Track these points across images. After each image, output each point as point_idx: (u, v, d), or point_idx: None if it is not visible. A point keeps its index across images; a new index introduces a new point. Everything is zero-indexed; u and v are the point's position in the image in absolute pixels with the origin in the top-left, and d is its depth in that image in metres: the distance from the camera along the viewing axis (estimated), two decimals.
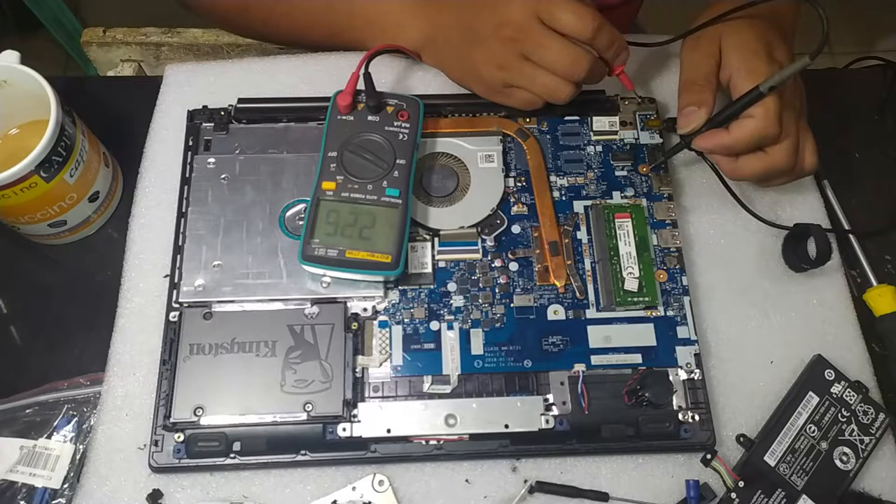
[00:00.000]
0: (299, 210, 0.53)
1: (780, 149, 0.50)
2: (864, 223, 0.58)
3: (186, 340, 0.48)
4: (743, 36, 0.51)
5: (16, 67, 0.52)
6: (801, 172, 0.53)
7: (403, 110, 0.52)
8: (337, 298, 0.50)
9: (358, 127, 0.52)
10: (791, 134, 0.50)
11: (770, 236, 0.55)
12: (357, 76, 0.52)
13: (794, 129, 0.50)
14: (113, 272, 0.53)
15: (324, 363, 0.48)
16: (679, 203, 0.55)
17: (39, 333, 0.53)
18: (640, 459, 0.48)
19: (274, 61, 0.61)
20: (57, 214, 0.53)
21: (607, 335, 0.50)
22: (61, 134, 0.50)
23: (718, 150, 0.50)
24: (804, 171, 0.53)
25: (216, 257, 0.51)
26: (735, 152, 0.50)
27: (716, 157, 0.52)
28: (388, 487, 0.47)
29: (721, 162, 0.51)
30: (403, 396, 0.48)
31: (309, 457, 0.47)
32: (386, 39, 0.57)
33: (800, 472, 0.47)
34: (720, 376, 0.51)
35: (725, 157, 0.51)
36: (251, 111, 0.56)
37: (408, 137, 0.52)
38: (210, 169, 0.54)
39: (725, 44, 0.51)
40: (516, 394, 0.48)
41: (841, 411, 0.49)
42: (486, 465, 0.48)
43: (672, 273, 0.52)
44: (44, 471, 0.48)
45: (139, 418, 0.48)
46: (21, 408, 0.50)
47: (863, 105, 0.63)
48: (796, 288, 0.54)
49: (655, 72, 0.61)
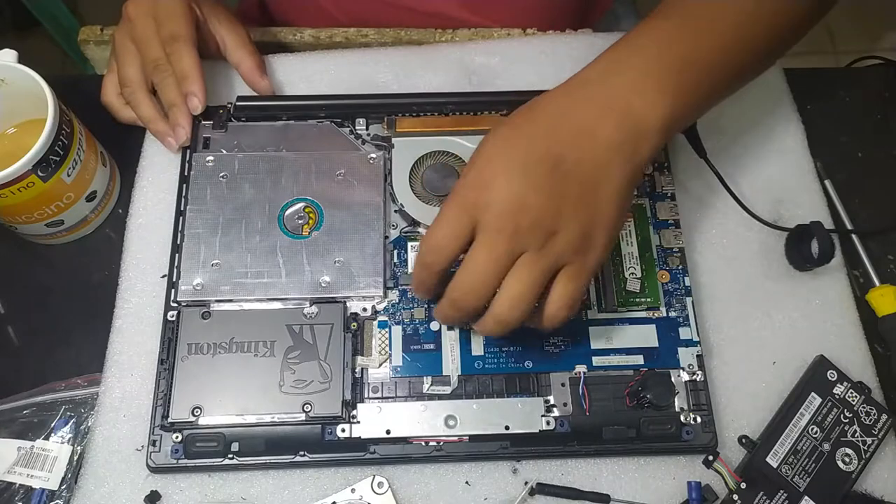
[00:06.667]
0: (298, 209, 0.52)
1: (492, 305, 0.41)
2: (866, 223, 0.57)
3: (184, 340, 0.48)
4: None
5: (13, 66, 0.51)
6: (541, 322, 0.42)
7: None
8: (336, 298, 0.50)
9: None
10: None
11: (772, 236, 0.55)
12: None
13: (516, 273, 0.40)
14: (110, 272, 0.53)
15: (323, 363, 0.48)
16: (681, 203, 0.55)
17: (36, 334, 0.53)
18: (641, 461, 0.48)
19: (273, 59, 0.61)
20: (54, 214, 0.52)
21: (609, 336, 0.50)
22: (59, 133, 0.49)
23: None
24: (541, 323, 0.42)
25: (215, 256, 0.50)
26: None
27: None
28: (388, 489, 0.46)
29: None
30: (403, 397, 0.48)
31: (308, 458, 0.46)
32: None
33: (802, 473, 0.47)
34: (722, 377, 0.50)
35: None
36: (250, 109, 0.56)
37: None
38: (209, 167, 0.53)
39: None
40: (517, 395, 0.48)
41: (843, 412, 0.48)
42: (487, 466, 0.48)
43: (674, 273, 0.52)
44: (41, 472, 0.47)
45: (137, 419, 0.48)
46: (18, 409, 0.49)
47: (866, 104, 0.63)
48: (799, 288, 0.53)
49: None
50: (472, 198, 0.39)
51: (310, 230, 0.52)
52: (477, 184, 0.39)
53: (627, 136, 0.41)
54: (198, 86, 0.53)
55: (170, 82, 0.53)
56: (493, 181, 0.39)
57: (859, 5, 1.27)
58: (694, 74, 0.43)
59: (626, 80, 0.42)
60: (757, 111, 0.59)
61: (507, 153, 0.40)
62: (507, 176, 0.39)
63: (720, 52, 0.44)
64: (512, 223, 0.39)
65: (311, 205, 0.52)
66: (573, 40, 0.62)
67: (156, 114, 0.54)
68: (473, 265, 0.40)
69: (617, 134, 0.41)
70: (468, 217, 0.39)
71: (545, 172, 0.39)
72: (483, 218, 0.39)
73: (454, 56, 0.61)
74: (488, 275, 0.39)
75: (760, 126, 0.58)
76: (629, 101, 0.41)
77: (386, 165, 0.54)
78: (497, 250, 0.39)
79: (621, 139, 0.41)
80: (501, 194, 0.39)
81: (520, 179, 0.39)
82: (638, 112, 0.41)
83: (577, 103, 0.42)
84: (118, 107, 0.56)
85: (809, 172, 0.58)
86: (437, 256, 0.41)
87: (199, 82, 0.53)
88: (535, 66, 0.61)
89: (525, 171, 0.39)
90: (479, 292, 0.40)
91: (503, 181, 0.39)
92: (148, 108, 0.54)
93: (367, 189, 0.53)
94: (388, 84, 0.60)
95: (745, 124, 0.58)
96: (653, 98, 0.42)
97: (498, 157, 0.40)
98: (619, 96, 0.41)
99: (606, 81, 0.42)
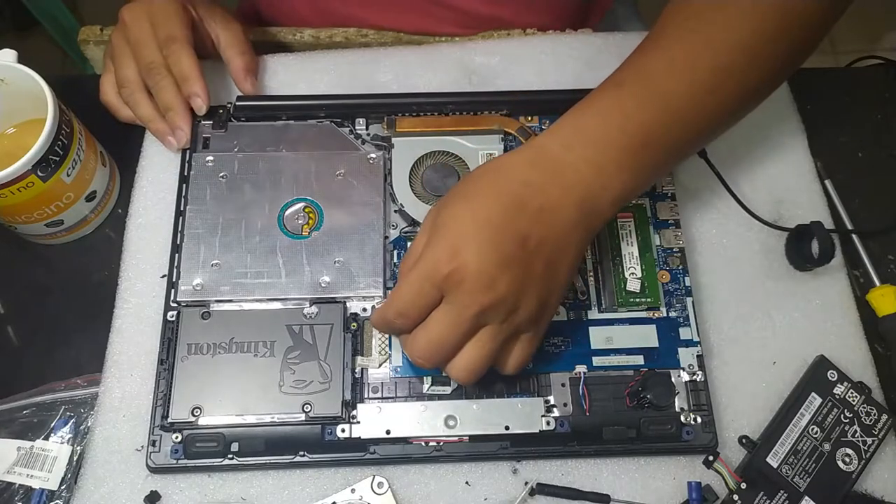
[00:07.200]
0: (298, 209, 0.52)
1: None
2: (866, 223, 0.57)
3: (184, 340, 0.48)
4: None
5: (13, 66, 0.51)
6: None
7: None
8: (336, 298, 0.50)
9: None
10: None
11: (773, 236, 0.55)
12: None
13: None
14: (110, 272, 0.53)
15: (323, 363, 0.48)
16: (682, 203, 0.55)
17: (36, 334, 0.53)
18: (641, 461, 0.48)
19: (272, 59, 0.61)
20: (54, 214, 0.52)
21: (609, 336, 0.50)
22: (58, 133, 0.49)
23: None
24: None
25: (214, 256, 0.50)
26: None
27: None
28: (388, 489, 0.46)
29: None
30: (403, 397, 0.48)
31: (307, 458, 0.46)
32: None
33: (802, 473, 0.47)
34: (722, 377, 0.50)
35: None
36: (250, 109, 0.56)
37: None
38: (209, 167, 0.53)
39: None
40: (517, 395, 0.48)
41: (843, 412, 0.48)
42: (487, 466, 0.48)
43: (675, 274, 0.52)
44: (41, 472, 0.47)
45: (137, 419, 0.48)
46: (18, 409, 0.49)
47: (866, 104, 0.63)
48: (799, 288, 0.53)
49: None
50: (444, 271, 0.39)
51: (310, 230, 0.52)
52: (447, 255, 0.39)
53: (586, 214, 0.42)
54: (199, 86, 0.53)
55: (164, 85, 0.53)
56: (464, 253, 0.39)
57: (859, 5, 1.27)
58: (655, 149, 0.43)
59: (588, 154, 0.42)
60: (757, 111, 0.58)
61: (477, 223, 0.40)
62: (478, 251, 0.39)
63: (682, 124, 0.44)
64: (479, 303, 0.39)
65: (311, 205, 0.52)
66: (573, 40, 0.62)
67: (155, 113, 0.54)
68: (438, 333, 0.41)
69: (577, 213, 0.41)
70: (437, 289, 0.40)
71: (513, 251, 0.40)
72: (452, 292, 0.39)
73: (454, 56, 0.61)
74: (448, 344, 0.41)
75: (760, 126, 0.58)
76: (590, 180, 0.42)
77: (386, 165, 0.54)
78: (462, 325, 0.40)
79: (580, 217, 0.41)
80: (472, 271, 0.39)
81: (490, 255, 0.39)
82: (597, 192, 0.42)
83: (541, 177, 0.41)
84: (118, 106, 0.56)
85: (809, 172, 0.58)
86: (404, 322, 0.42)
87: (201, 82, 0.53)
88: (535, 66, 0.61)
89: (495, 247, 0.39)
90: (435, 359, 0.42)
91: (474, 256, 0.39)
92: (147, 107, 0.54)
93: (366, 189, 0.53)
94: (388, 84, 0.60)
95: (745, 124, 0.58)
96: (613, 176, 0.42)
97: (467, 227, 0.40)
98: (581, 173, 0.42)
99: (569, 154, 0.42)
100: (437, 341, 0.41)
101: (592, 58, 0.61)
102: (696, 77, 0.43)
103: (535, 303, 0.41)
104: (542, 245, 0.40)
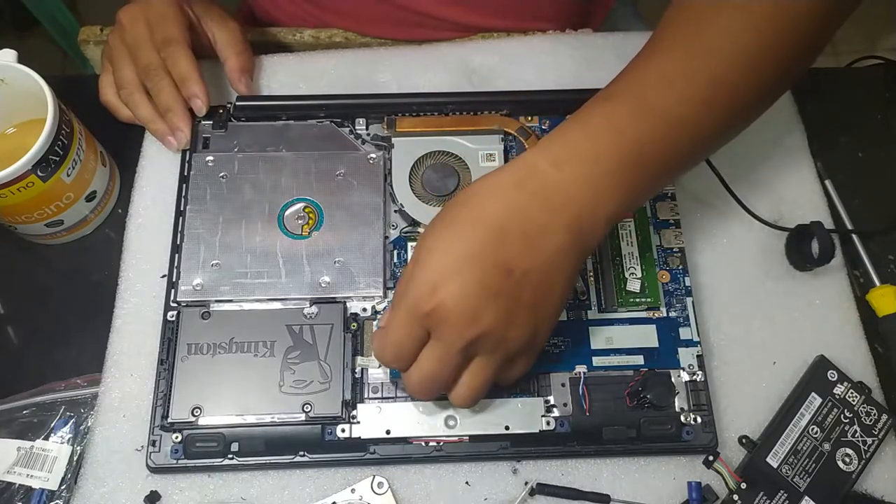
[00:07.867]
0: (298, 209, 0.52)
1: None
2: (866, 223, 0.57)
3: (184, 340, 0.48)
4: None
5: (13, 66, 0.51)
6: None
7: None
8: (336, 298, 0.50)
9: None
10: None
11: (773, 236, 0.55)
12: None
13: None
14: (110, 272, 0.53)
15: (323, 364, 0.48)
16: (682, 203, 0.55)
17: (36, 334, 0.53)
18: (641, 461, 0.48)
19: (273, 59, 0.61)
20: (54, 214, 0.52)
21: (609, 336, 0.50)
22: (58, 133, 0.49)
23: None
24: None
25: (214, 256, 0.50)
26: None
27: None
28: (388, 489, 0.46)
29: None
30: (403, 397, 0.48)
31: (307, 458, 0.46)
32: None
33: (802, 473, 0.47)
34: (722, 378, 0.50)
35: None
36: (250, 109, 0.56)
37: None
38: (209, 167, 0.53)
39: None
40: (517, 395, 0.48)
41: (843, 412, 0.48)
42: (487, 466, 0.48)
43: (675, 274, 0.52)
44: (41, 472, 0.47)
45: (137, 419, 0.48)
46: (18, 409, 0.49)
47: (866, 104, 0.63)
48: (799, 288, 0.53)
49: None
50: (425, 308, 0.38)
51: (310, 230, 0.52)
52: (427, 293, 0.38)
53: (577, 235, 0.39)
54: (199, 87, 0.53)
55: (163, 86, 0.53)
56: (443, 289, 0.38)
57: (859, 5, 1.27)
58: (651, 165, 0.41)
59: (579, 172, 0.39)
60: None
61: (456, 255, 0.38)
62: (460, 285, 0.37)
63: (679, 138, 0.41)
64: (465, 338, 0.38)
65: (311, 205, 0.52)
66: (573, 40, 0.62)
67: (154, 114, 0.54)
68: (429, 370, 0.40)
69: (566, 236, 0.39)
70: (421, 327, 0.39)
71: (497, 281, 0.38)
72: (437, 329, 0.39)
73: (454, 56, 0.61)
74: (441, 379, 0.41)
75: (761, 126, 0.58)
76: (581, 200, 0.39)
77: (386, 165, 0.54)
78: (451, 361, 0.40)
79: (569, 239, 0.39)
80: (453, 306, 0.38)
81: (472, 289, 0.38)
82: (589, 211, 0.39)
83: (526, 201, 0.39)
84: (117, 106, 0.56)
85: (809, 172, 0.58)
86: (401, 364, 0.41)
87: (200, 83, 0.53)
88: (535, 66, 0.61)
89: (477, 279, 0.38)
90: (431, 393, 0.42)
91: (456, 291, 0.37)
92: (146, 108, 0.54)
93: (366, 189, 0.53)
94: (388, 84, 0.60)
95: None
96: (606, 194, 0.39)
97: (446, 260, 0.38)
98: (570, 194, 0.39)
99: (559, 172, 0.39)
100: (430, 378, 0.41)
101: (592, 58, 0.61)
102: (694, 89, 0.41)
103: (526, 331, 0.40)
104: (528, 273, 0.38)
